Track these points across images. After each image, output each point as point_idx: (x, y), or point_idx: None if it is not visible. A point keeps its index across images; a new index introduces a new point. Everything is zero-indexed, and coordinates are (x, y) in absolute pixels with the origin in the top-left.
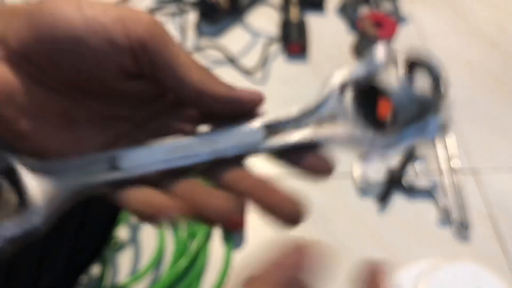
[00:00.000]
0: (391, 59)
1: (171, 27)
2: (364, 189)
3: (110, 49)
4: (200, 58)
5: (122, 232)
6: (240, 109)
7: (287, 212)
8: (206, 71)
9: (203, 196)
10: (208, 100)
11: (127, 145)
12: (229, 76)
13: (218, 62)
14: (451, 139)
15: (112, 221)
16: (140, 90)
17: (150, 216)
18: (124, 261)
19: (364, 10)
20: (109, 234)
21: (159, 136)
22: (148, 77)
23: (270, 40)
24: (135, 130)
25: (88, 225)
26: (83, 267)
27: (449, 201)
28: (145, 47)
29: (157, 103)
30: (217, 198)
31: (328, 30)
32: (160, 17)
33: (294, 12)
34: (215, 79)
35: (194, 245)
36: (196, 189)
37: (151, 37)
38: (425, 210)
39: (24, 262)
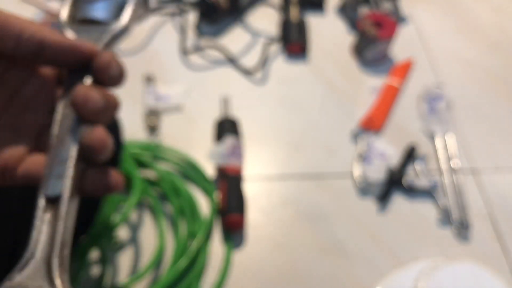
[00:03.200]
0: None
1: (171, 27)
2: (364, 189)
3: None
4: (200, 58)
5: (122, 232)
6: (80, 57)
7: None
8: (42, 26)
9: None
10: (51, 50)
11: (8, 130)
12: (229, 76)
13: (218, 62)
14: (451, 139)
15: (87, 221)
16: None
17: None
18: (124, 261)
19: (364, 10)
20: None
21: (29, 111)
22: None
23: (270, 40)
24: (4, 112)
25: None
26: None
27: (449, 201)
28: None
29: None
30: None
31: (328, 30)
32: (160, 17)
33: (294, 12)
34: (52, 30)
35: (194, 245)
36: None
37: None
38: (425, 210)
39: None
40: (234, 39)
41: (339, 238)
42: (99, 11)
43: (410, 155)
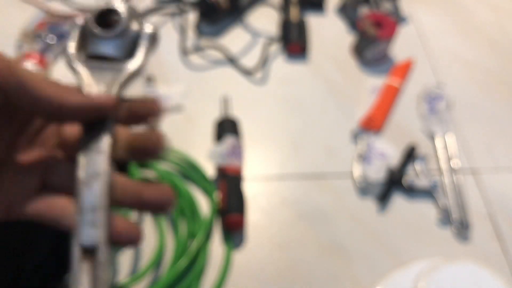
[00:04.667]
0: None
1: (171, 27)
2: (364, 189)
3: None
4: (200, 58)
5: None
6: (98, 113)
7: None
8: (61, 86)
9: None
10: (68, 111)
11: (11, 177)
12: (229, 76)
13: (218, 62)
14: (451, 139)
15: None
16: None
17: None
18: (124, 261)
19: (364, 10)
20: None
21: (34, 160)
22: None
23: (270, 40)
24: (9, 163)
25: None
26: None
27: (449, 201)
28: None
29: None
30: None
31: (328, 30)
32: (160, 17)
33: (294, 12)
34: (71, 90)
35: (194, 245)
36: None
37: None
38: (425, 210)
39: None
40: (234, 39)
41: (339, 238)
42: (110, 48)
43: (410, 155)
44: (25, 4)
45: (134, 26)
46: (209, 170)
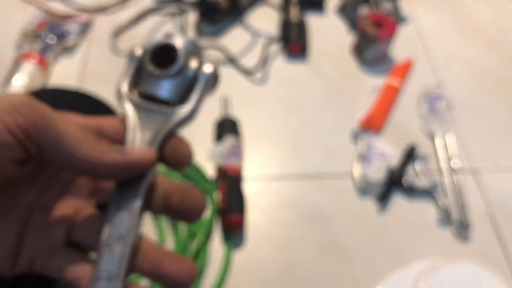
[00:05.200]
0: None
1: (171, 27)
2: (364, 189)
3: None
4: None
5: None
6: (136, 171)
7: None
8: (96, 141)
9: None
10: (103, 169)
11: (43, 213)
12: (229, 76)
13: (218, 62)
14: (451, 139)
15: None
16: (29, 173)
17: None
18: None
19: (364, 10)
20: None
21: (67, 193)
22: (35, 159)
23: (270, 40)
24: (42, 193)
25: None
26: None
27: (449, 201)
28: (29, 136)
29: (41, 178)
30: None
31: (328, 30)
32: (160, 17)
33: (294, 12)
34: (107, 147)
35: (194, 245)
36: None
37: (33, 124)
38: (425, 210)
39: None
40: (234, 39)
41: (339, 238)
42: (163, 89)
43: (410, 155)
44: (25, 4)
45: (193, 64)
46: (209, 170)
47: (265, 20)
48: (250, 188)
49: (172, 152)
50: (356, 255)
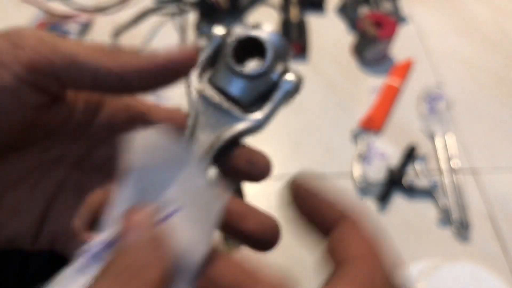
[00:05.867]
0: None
1: (171, 27)
2: (364, 189)
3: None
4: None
5: None
6: (172, 73)
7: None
8: (116, 52)
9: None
10: (133, 78)
11: (73, 192)
12: None
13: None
14: (451, 139)
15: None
16: (57, 119)
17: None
18: None
19: (364, 10)
20: None
21: (101, 175)
22: (59, 96)
23: None
24: (73, 172)
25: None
26: None
27: (449, 201)
28: (37, 70)
29: (85, 136)
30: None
31: (328, 30)
32: (160, 17)
33: (294, 12)
34: (130, 53)
35: None
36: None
37: (41, 55)
38: (425, 210)
39: None
40: None
41: None
42: (238, 87)
43: (410, 155)
44: (25, 4)
45: (279, 67)
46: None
47: (265, 20)
48: (250, 188)
49: (249, 164)
50: None
